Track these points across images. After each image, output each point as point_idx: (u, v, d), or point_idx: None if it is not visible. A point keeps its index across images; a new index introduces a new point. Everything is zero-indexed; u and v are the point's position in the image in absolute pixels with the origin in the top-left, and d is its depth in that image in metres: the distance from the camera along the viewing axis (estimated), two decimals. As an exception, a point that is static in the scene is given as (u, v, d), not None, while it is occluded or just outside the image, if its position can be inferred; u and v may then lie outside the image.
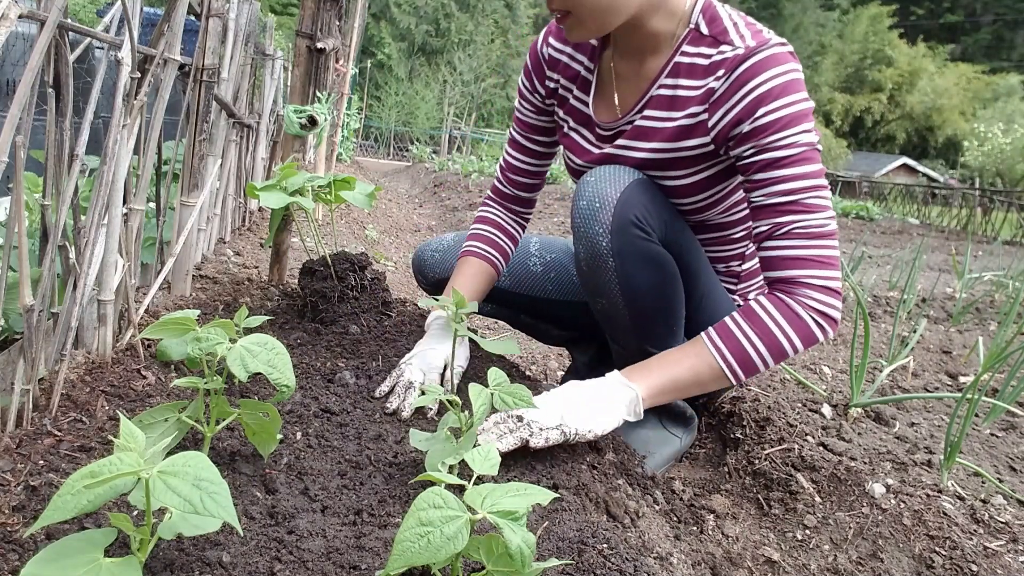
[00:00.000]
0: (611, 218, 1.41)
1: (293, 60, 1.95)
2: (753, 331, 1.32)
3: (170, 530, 0.80)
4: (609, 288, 1.47)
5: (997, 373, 2.49)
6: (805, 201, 1.30)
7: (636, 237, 1.43)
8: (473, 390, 1.12)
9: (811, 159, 1.31)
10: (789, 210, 1.31)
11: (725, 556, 1.38)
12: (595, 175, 1.46)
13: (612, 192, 1.42)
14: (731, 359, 1.33)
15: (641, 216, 1.42)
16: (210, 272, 2.18)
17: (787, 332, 1.30)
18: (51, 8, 1.03)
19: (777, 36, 1.37)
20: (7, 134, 0.95)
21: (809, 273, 1.30)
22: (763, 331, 1.31)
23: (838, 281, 1.31)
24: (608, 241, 1.42)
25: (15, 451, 1.01)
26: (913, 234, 10.99)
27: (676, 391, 1.37)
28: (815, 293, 1.30)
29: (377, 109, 20.62)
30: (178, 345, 1.31)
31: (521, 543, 0.75)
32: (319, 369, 1.52)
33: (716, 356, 1.33)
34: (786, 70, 1.32)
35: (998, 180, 22.21)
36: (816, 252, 1.30)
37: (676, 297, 1.52)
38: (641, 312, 1.49)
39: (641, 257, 1.44)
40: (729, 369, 1.33)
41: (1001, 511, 1.47)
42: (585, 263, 1.47)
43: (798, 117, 1.31)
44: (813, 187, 1.30)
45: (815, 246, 1.30)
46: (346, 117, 9.05)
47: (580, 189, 1.47)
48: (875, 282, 4.63)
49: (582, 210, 1.44)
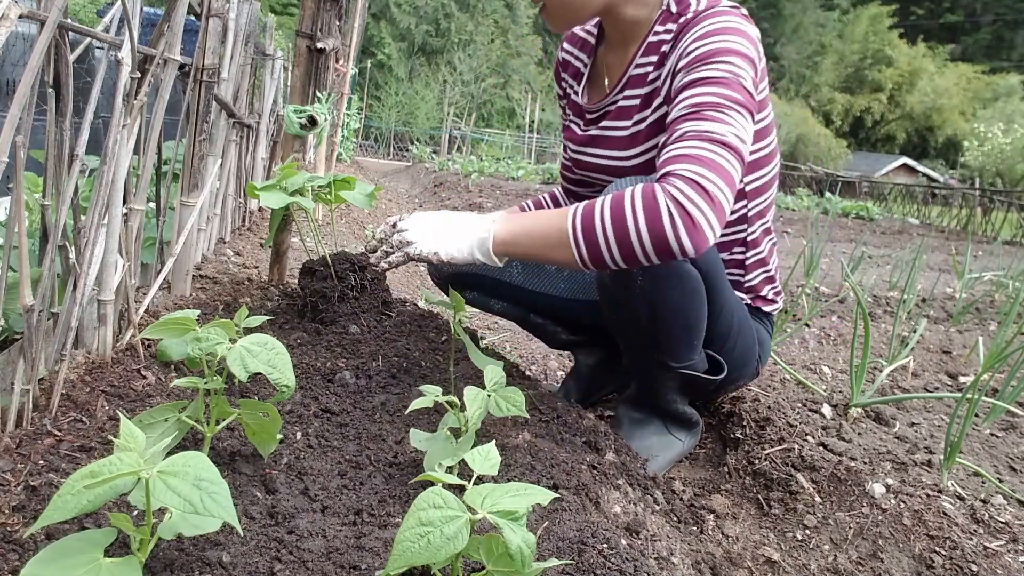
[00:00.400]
0: None
1: (293, 60, 1.95)
2: (609, 206, 1.22)
3: (170, 530, 0.80)
4: (632, 305, 1.44)
5: (997, 373, 2.49)
6: (707, 112, 1.24)
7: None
8: (469, 393, 1.12)
9: (728, 85, 1.26)
10: (691, 117, 1.25)
11: (725, 556, 1.38)
12: (621, 187, 1.38)
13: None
14: (579, 226, 1.24)
15: None
16: (210, 272, 2.18)
17: (636, 213, 1.19)
18: (51, 8, 1.03)
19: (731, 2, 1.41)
20: (7, 134, 0.95)
21: (685, 167, 1.19)
22: (616, 208, 1.21)
23: (716, 187, 1.17)
24: None
25: (15, 451, 1.01)
26: (913, 234, 10.99)
27: (528, 245, 1.30)
28: (681, 183, 1.17)
29: (377, 109, 20.63)
30: (178, 345, 1.31)
31: (521, 543, 0.75)
32: (319, 369, 1.52)
33: (568, 221, 1.25)
34: (726, 19, 1.34)
35: (998, 180, 22.20)
36: (702, 153, 1.20)
37: (700, 313, 1.49)
38: (662, 329, 1.47)
39: (670, 276, 1.41)
40: (573, 236, 1.24)
41: (1001, 511, 1.47)
42: (609, 278, 1.44)
43: (726, 51, 1.29)
44: (721, 104, 1.24)
45: (703, 148, 1.21)
46: (346, 117, 9.05)
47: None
48: (875, 282, 4.63)
49: None
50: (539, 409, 1.52)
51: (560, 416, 1.55)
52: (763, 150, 1.54)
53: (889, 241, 9.40)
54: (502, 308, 1.96)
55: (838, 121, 37.95)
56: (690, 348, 1.53)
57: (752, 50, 1.34)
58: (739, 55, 1.30)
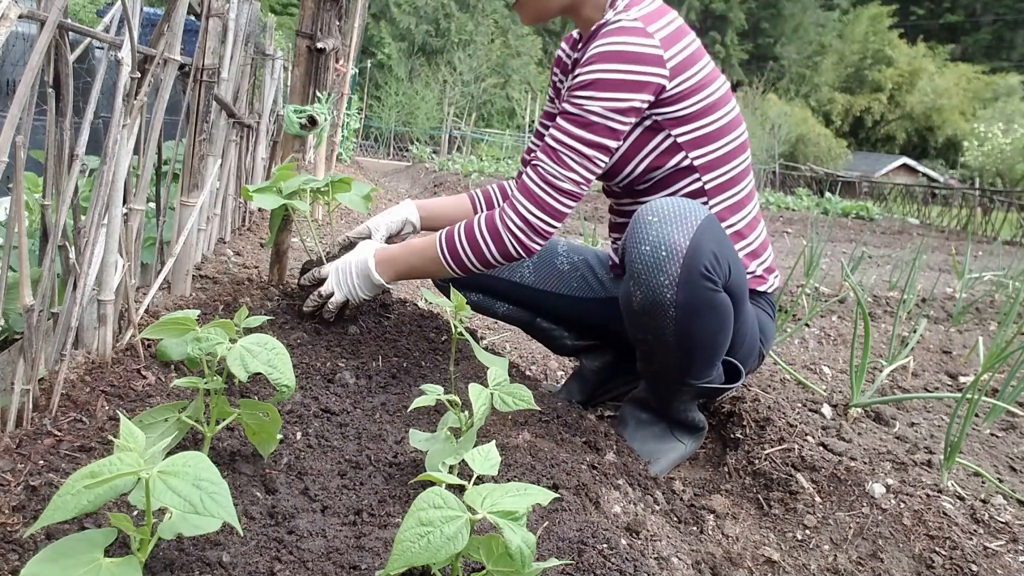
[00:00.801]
0: (679, 270, 1.36)
1: (293, 60, 1.95)
2: (465, 238, 1.55)
3: (170, 530, 0.80)
4: (662, 332, 1.44)
5: (997, 373, 2.49)
6: (561, 154, 1.49)
7: (704, 289, 1.39)
8: (473, 390, 1.12)
9: (586, 125, 1.47)
10: (547, 153, 1.51)
11: (725, 556, 1.38)
12: (657, 213, 1.40)
13: (680, 238, 1.37)
14: (449, 258, 1.56)
15: (711, 265, 1.38)
16: (210, 272, 2.18)
17: (487, 242, 1.53)
18: (51, 8, 1.03)
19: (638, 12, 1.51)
20: (7, 134, 0.95)
21: (526, 205, 1.50)
22: (471, 239, 1.54)
23: (547, 225, 1.51)
24: (673, 294, 1.38)
25: (15, 451, 1.01)
26: (913, 234, 10.99)
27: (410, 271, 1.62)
28: (518, 222, 1.51)
29: (377, 109, 20.62)
30: (178, 345, 1.31)
31: (521, 543, 0.75)
32: (319, 369, 1.52)
33: (439, 254, 1.57)
34: (614, 40, 1.46)
35: (998, 180, 22.19)
36: (542, 195, 1.50)
37: (726, 337, 1.50)
38: (689, 352, 1.48)
39: (704, 307, 1.41)
40: (447, 265, 1.57)
41: (1001, 511, 1.47)
42: (641, 307, 1.43)
43: (595, 84, 1.46)
44: (573, 148, 1.48)
45: (544, 190, 1.50)
46: (346, 117, 9.05)
47: (641, 230, 1.40)
48: (875, 282, 4.63)
49: (644, 256, 1.38)
50: (539, 409, 1.52)
51: (560, 416, 1.55)
52: (708, 126, 1.57)
53: (889, 241, 9.40)
54: (508, 311, 1.94)
55: (838, 121, 37.94)
56: (710, 365, 1.54)
57: (638, 72, 1.46)
58: (614, 87, 1.46)
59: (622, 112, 1.47)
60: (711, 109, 1.57)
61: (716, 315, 1.43)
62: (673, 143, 1.57)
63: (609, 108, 1.45)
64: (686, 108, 1.54)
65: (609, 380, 1.97)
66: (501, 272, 1.88)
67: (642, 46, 1.45)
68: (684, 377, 1.53)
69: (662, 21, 1.51)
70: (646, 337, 1.49)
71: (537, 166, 1.51)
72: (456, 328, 1.35)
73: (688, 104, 1.53)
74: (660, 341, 1.47)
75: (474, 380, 1.49)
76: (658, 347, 1.49)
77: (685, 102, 1.53)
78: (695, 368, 1.52)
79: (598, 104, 1.46)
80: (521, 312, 1.95)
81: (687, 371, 1.52)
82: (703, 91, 1.55)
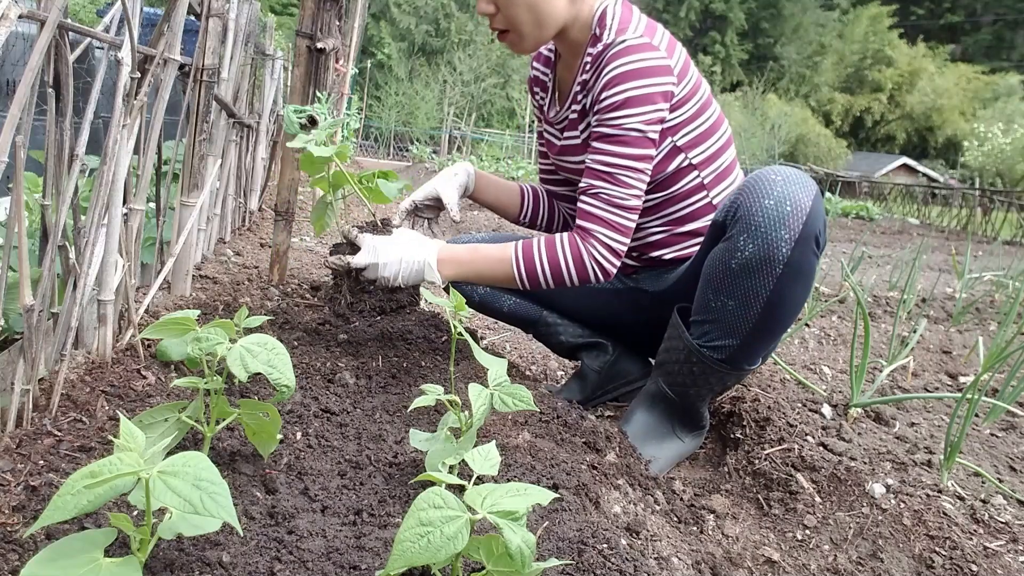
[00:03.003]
0: (801, 227, 1.39)
1: (293, 60, 1.95)
2: (547, 258, 1.60)
3: (170, 530, 0.80)
4: (755, 292, 1.44)
5: (997, 373, 2.49)
6: (617, 175, 1.55)
7: (811, 252, 1.42)
8: (473, 390, 1.12)
9: (630, 143, 1.54)
10: (603, 177, 1.56)
11: (725, 556, 1.38)
12: (781, 174, 1.45)
13: (805, 199, 1.40)
14: (524, 273, 1.61)
15: (822, 231, 1.44)
16: (210, 272, 2.18)
17: (570, 268, 1.59)
18: (51, 8, 1.03)
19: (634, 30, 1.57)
20: (7, 134, 0.95)
21: (602, 231, 1.57)
22: (553, 261, 1.60)
23: (622, 244, 1.58)
24: (788, 250, 1.40)
25: (15, 451, 1.01)
26: (913, 234, 10.99)
27: (474, 276, 1.64)
28: (601, 248, 1.57)
29: (377, 109, 20.60)
30: (178, 345, 1.31)
31: (521, 543, 0.75)
32: (319, 369, 1.52)
33: (513, 268, 1.62)
34: (631, 59, 1.53)
35: (998, 180, 22.18)
36: (613, 217, 1.57)
37: (798, 314, 1.53)
38: (766, 321, 1.48)
39: (805, 273, 1.44)
40: (519, 280, 1.62)
41: (1001, 511, 1.47)
42: (744, 263, 1.43)
43: (629, 102, 1.52)
44: (626, 167, 1.55)
45: (614, 212, 1.57)
46: (346, 117, 9.05)
47: (765, 185, 1.43)
48: (875, 282, 4.63)
49: (768, 209, 1.41)
50: (539, 409, 1.52)
51: (560, 416, 1.55)
52: (702, 125, 1.67)
53: (889, 241, 9.41)
54: (514, 306, 1.94)
55: (838, 121, 37.93)
56: (766, 349, 1.57)
57: (659, 83, 1.54)
58: (642, 102, 1.53)
59: (655, 123, 1.55)
60: (703, 109, 1.67)
61: (808, 284, 1.47)
62: (673, 147, 1.65)
63: (645, 121, 1.54)
64: (686, 111, 1.63)
65: (610, 381, 1.97)
66: None
67: (656, 59, 1.54)
68: (743, 355, 1.53)
69: (658, 34, 1.60)
70: (726, 303, 1.48)
71: (598, 193, 1.57)
72: (456, 328, 1.35)
73: (688, 107, 1.63)
74: (746, 305, 1.46)
75: (474, 380, 1.49)
76: (738, 313, 1.48)
77: (686, 105, 1.62)
78: (763, 341, 1.53)
79: (635, 120, 1.53)
80: (528, 307, 1.94)
81: (752, 347, 1.52)
82: (698, 93, 1.65)
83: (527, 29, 1.61)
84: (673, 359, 1.62)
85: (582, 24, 1.63)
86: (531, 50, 1.68)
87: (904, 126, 38.97)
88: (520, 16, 1.58)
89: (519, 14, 1.58)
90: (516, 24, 1.60)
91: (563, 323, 1.96)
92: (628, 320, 1.90)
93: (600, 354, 1.98)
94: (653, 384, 1.70)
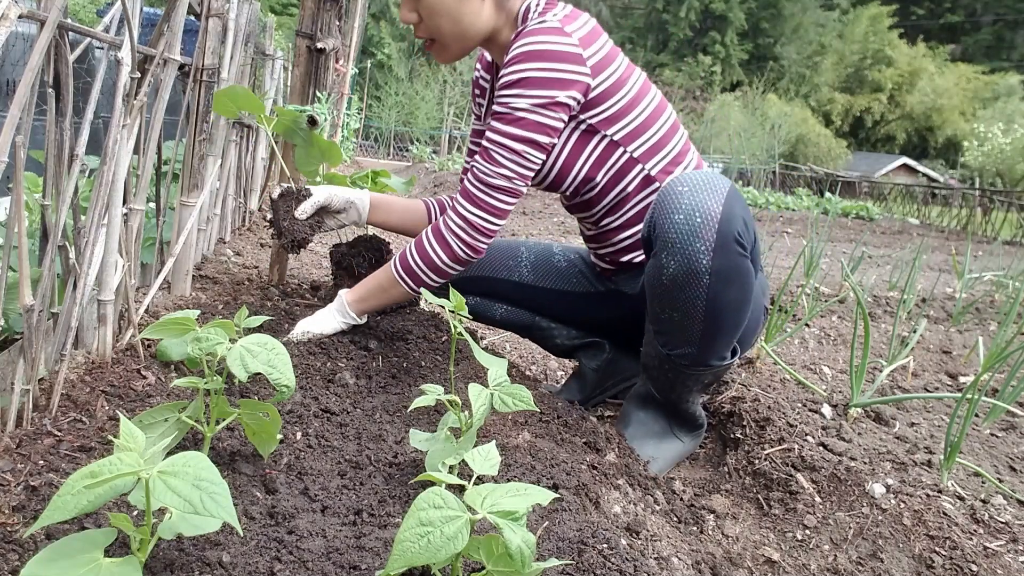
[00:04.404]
0: (715, 235, 1.39)
1: (293, 60, 1.95)
2: (417, 252, 1.60)
3: (170, 530, 0.80)
4: (691, 303, 1.45)
5: (997, 373, 2.49)
6: (491, 151, 1.54)
7: (736, 254, 1.42)
8: (473, 390, 1.12)
9: (512, 122, 1.52)
10: (481, 154, 1.56)
11: (725, 556, 1.38)
12: (687, 183, 1.43)
13: (713, 205, 1.39)
14: (407, 278, 1.61)
15: (741, 231, 1.42)
16: (210, 272, 2.18)
17: (436, 250, 1.58)
18: (51, 8, 1.03)
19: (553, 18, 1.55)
20: (7, 134, 0.95)
21: (463, 204, 1.57)
22: (422, 252, 1.59)
23: (485, 222, 1.56)
24: (709, 260, 1.39)
25: (15, 451, 1.01)
26: (913, 234, 10.99)
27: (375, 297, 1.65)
28: (459, 220, 1.56)
29: (377, 109, 20.60)
30: (178, 345, 1.31)
31: (521, 543, 0.75)
32: (319, 369, 1.52)
33: (397, 277, 1.62)
34: (533, 40, 1.50)
35: (998, 180, 22.16)
36: (476, 192, 1.56)
37: (748, 307, 1.52)
38: (717, 325, 1.48)
39: (735, 274, 1.43)
40: (405, 285, 1.61)
41: (1001, 511, 1.47)
42: (671, 279, 1.43)
43: (520, 82, 1.50)
44: (502, 144, 1.53)
45: (478, 187, 1.55)
46: (346, 117, 9.04)
47: (672, 200, 1.42)
48: (875, 282, 4.63)
49: (678, 225, 1.40)
50: (539, 409, 1.52)
51: (560, 416, 1.55)
52: (637, 118, 1.63)
53: (889, 241, 9.40)
54: (506, 313, 1.94)
55: (838, 121, 37.91)
56: (726, 345, 1.55)
57: (559, 69, 1.50)
58: (538, 84, 1.50)
59: (548, 107, 1.51)
60: (635, 102, 1.63)
61: (744, 283, 1.46)
62: (610, 142, 1.63)
63: (535, 104, 1.50)
64: (613, 106, 1.59)
65: (608, 379, 1.97)
66: (500, 273, 1.89)
67: (562, 44, 1.50)
68: (705, 357, 1.53)
69: (578, 22, 1.57)
70: (671, 315, 1.49)
71: (473, 168, 1.57)
72: (456, 328, 1.35)
73: (614, 101, 1.59)
74: (688, 316, 1.46)
75: (474, 380, 1.50)
76: (684, 324, 1.48)
77: (611, 99, 1.59)
78: (718, 344, 1.52)
79: (525, 100, 1.50)
80: (520, 313, 1.95)
81: (710, 349, 1.52)
82: (624, 86, 1.61)
83: (450, 39, 1.60)
84: (651, 364, 1.64)
85: (510, 24, 1.62)
86: (454, 59, 1.67)
87: (904, 126, 38.96)
88: (443, 25, 1.58)
89: (442, 24, 1.58)
90: (439, 33, 1.60)
91: (556, 326, 1.97)
92: (616, 321, 1.90)
93: (597, 353, 1.98)
94: (642, 386, 1.71)
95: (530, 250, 1.94)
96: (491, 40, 1.65)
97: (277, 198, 1.77)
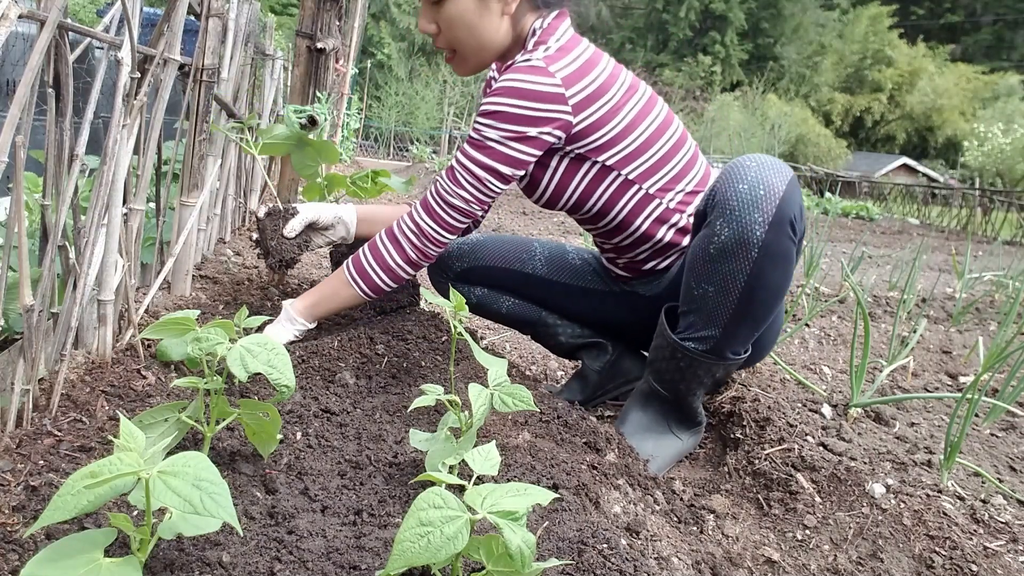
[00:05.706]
0: (774, 210, 1.41)
1: (293, 60, 1.96)
2: (372, 258, 1.63)
3: (170, 530, 0.80)
4: (732, 277, 1.46)
5: (997, 373, 2.49)
6: (455, 171, 1.58)
7: (787, 237, 1.43)
8: (473, 390, 1.12)
9: (480, 148, 1.56)
10: (447, 170, 1.60)
11: (725, 556, 1.38)
12: (755, 160, 1.46)
13: (778, 183, 1.42)
14: (362, 284, 1.63)
15: (797, 216, 1.44)
16: (210, 272, 2.18)
17: (392, 254, 1.62)
18: (51, 8, 1.03)
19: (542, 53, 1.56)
20: (7, 134, 0.95)
21: (419, 211, 1.62)
22: (377, 256, 1.63)
23: (437, 233, 1.61)
24: (763, 232, 1.41)
25: (15, 451, 1.01)
26: (913, 234, 10.99)
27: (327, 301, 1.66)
28: (412, 226, 1.61)
29: (377, 109, 20.60)
30: (178, 345, 1.31)
31: (521, 543, 0.75)
32: (319, 369, 1.52)
33: (351, 283, 1.63)
34: (516, 77, 1.52)
35: (998, 180, 22.15)
36: (433, 204, 1.60)
37: (780, 303, 1.53)
38: (746, 308, 1.49)
39: (781, 257, 1.44)
40: (360, 291, 1.64)
41: (1001, 511, 1.47)
42: (720, 247, 1.45)
43: (492, 114, 1.53)
44: (465, 167, 1.57)
45: (436, 200, 1.60)
46: (346, 117, 9.04)
47: (739, 171, 1.45)
48: (875, 282, 4.63)
49: (742, 194, 1.42)
50: (539, 409, 1.52)
51: (560, 416, 1.55)
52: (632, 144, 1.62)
53: (889, 241, 9.40)
54: (513, 307, 1.94)
55: (838, 121, 37.90)
56: (750, 337, 1.57)
57: (534, 108, 1.52)
58: (510, 120, 1.52)
59: (518, 140, 1.54)
60: (631, 127, 1.62)
61: (787, 269, 1.47)
62: (602, 167, 1.63)
63: (505, 136, 1.53)
64: (603, 136, 1.59)
65: (610, 380, 1.97)
66: (513, 264, 1.90)
67: (542, 85, 1.52)
68: (724, 345, 1.54)
69: (567, 59, 1.55)
70: (706, 290, 1.49)
71: (437, 180, 1.61)
72: (456, 328, 1.35)
73: (604, 132, 1.59)
74: (724, 291, 1.47)
75: (474, 380, 1.50)
76: (717, 300, 1.49)
77: (600, 131, 1.59)
78: (742, 331, 1.53)
79: (495, 132, 1.53)
80: (527, 307, 1.94)
81: (732, 336, 1.52)
82: (618, 114, 1.60)
83: (469, 52, 1.62)
84: (660, 356, 1.63)
85: (519, 45, 1.65)
86: (471, 72, 1.69)
87: (904, 126, 38.96)
88: (461, 38, 1.60)
89: (460, 36, 1.59)
90: (459, 44, 1.61)
91: (562, 323, 1.96)
92: (626, 321, 1.90)
93: (600, 354, 1.98)
94: (645, 384, 1.70)
95: (544, 246, 1.95)
96: (504, 59, 1.69)
97: (264, 217, 1.76)
